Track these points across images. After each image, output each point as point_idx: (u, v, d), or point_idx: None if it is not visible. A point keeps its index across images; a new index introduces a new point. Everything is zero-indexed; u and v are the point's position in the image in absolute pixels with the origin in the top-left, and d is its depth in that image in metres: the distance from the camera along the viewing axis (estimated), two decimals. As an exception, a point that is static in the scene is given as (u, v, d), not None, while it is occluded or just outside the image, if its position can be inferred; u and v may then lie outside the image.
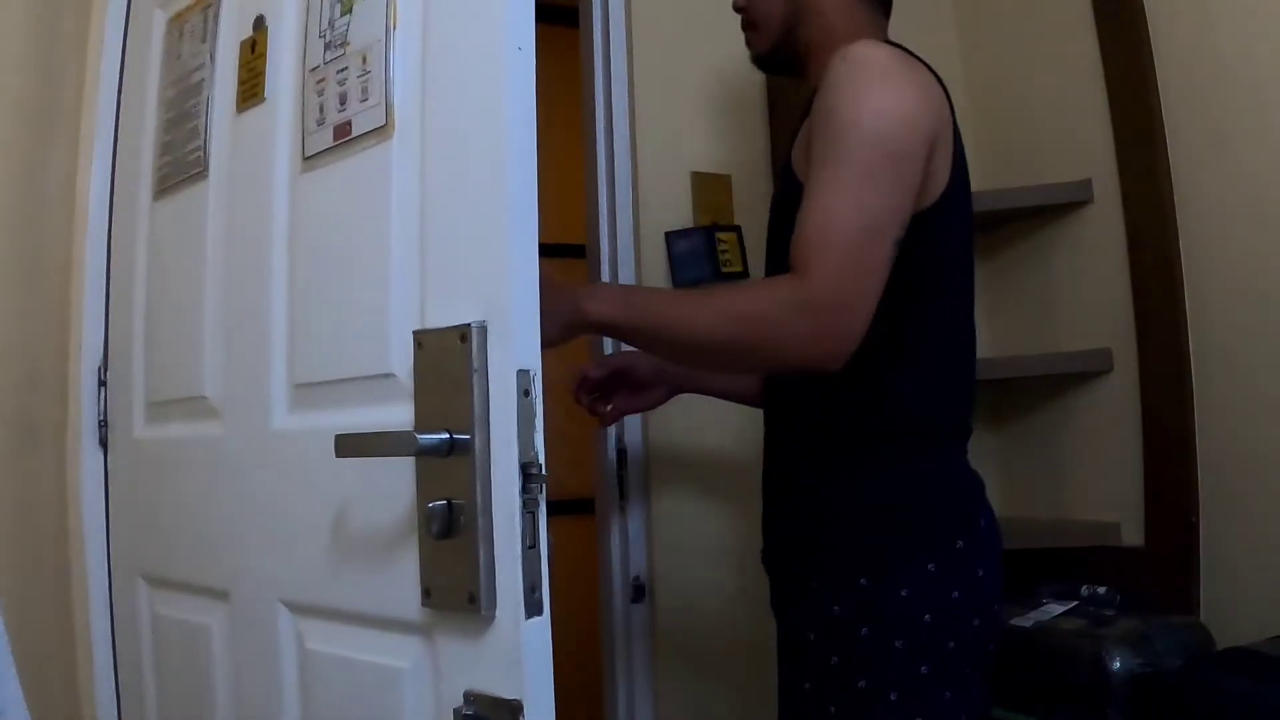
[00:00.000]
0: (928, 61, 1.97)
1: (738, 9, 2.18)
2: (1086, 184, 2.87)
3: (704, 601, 2.83)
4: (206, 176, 2.05)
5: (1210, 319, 2.60)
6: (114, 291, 2.36)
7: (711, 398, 2.51)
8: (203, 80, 2.09)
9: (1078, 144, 2.91)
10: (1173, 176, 2.67)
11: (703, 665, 2.81)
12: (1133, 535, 2.74)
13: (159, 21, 2.31)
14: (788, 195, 1.94)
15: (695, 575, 2.83)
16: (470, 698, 1.38)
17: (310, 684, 1.74)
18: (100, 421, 2.34)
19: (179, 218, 2.15)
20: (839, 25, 2.03)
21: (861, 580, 1.85)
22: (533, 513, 1.35)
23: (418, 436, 1.36)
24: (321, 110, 1.73)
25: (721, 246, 2.86)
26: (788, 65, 2.18)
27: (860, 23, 2.04)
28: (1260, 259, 2.50)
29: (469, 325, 1.38)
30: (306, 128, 1.77)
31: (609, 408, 2.34)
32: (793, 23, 2.09)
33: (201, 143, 2.06)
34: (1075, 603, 2.52)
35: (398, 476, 1.51)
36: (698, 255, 2.86)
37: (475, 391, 1.37)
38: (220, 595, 1.94)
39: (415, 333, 1.48)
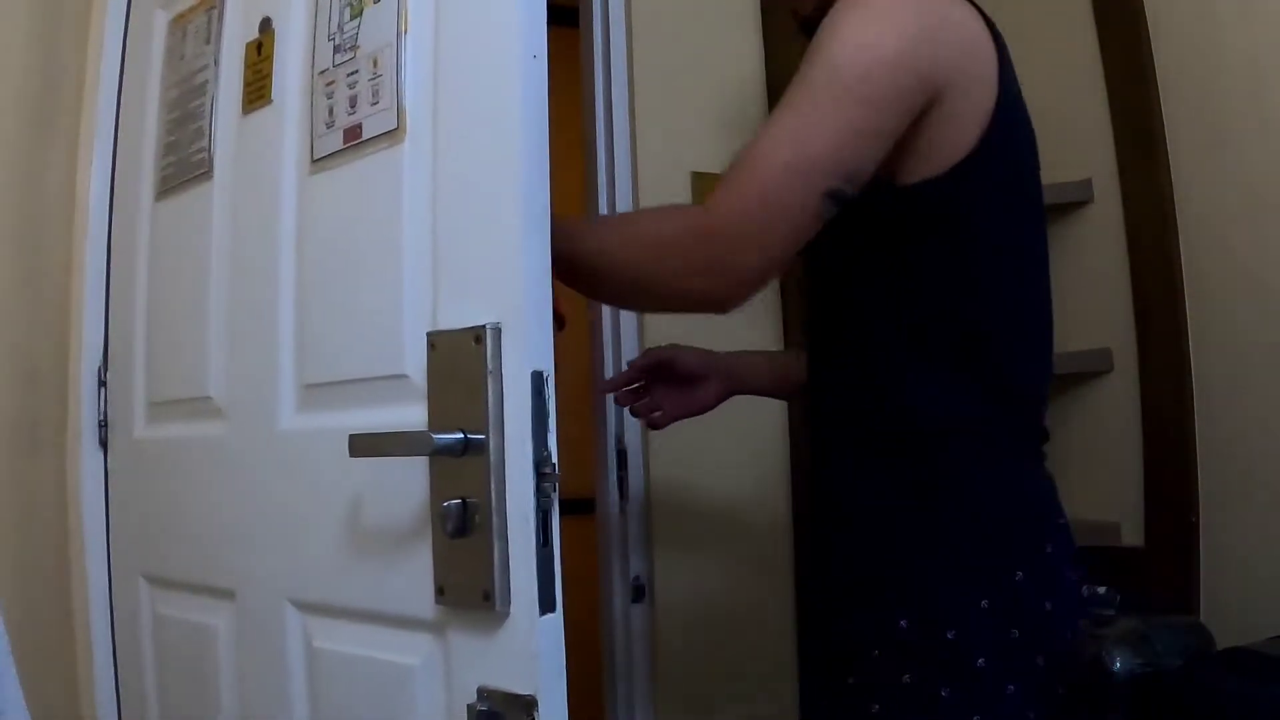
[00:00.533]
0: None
1: None
2: (1086, 184, 2.90)
3: (704, 602, 2.85)
4: (211, 177, 2.08)
5: (1210, 319, 2.64)
6: (114, 292, 2.38)
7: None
8: (207, 81, 2.12)
9: (1078, 144, 2.94)
10: (1173, 176, 2.71)
11: (703, 665, 2.83)
12: (1133, 535, 2.77)
13: (160, 22, 2.34)
14: None
15: (695, 575, 2.85)
16: (484, 693, 1.42)
17: (319, 682, 1.77)
18: (100, 421, 2.36)
19: (182, 218, 2.17)
20: None
21: (901, 622, 1.69)
22: (546, 511, 1.38)
23: (433, 436, 1.40)
24: (331, 113, 1.76)
25: (722, 246, 2.74)
26: None
27: None
28: (1260, 259, 2.54)
29: (484, 327, 1.41)
30: (315, 130, 1.80)
31: (657, 413, 2.21)
32: None
33: (206, 144, 2.09)
34: (1075, 603, 2.54)
35: (409, 476, 1.54)
36: (698, 255, 2.75)
37: (490, 392, 1.40)
38: (225, 595, 1.97)
39: (429, 334, 1.51)
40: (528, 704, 1.37)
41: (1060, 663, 1.73)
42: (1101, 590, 2.56)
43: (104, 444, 2.37)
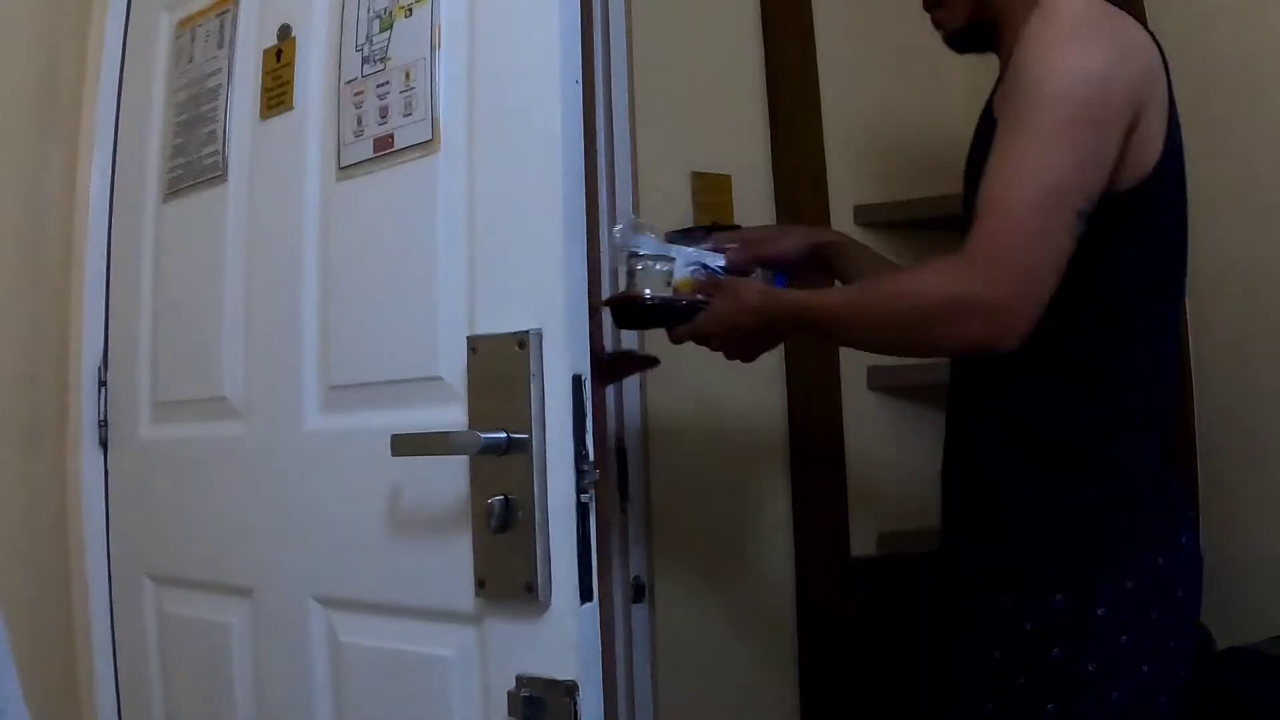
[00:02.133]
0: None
1: None
2: (1086, 184, 3.03)
3: (704, 601, 2.95)
4: (226, 181, 2.21)
5: (1210, 319, 2.78)
6: (116, 292, 2.49)
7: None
8: (220, 85, 2.25)
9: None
10: (1172, 177, 2.86)
11: (703, 665, 2.94)
12: (1133, 535, 2.89)
13: (165, 23, 2.46)
14: (984, 137, 1.95)
15: (695, 575, 2.95)
16: (523, 680, 1.58)
17: (345, 675, 1.92)
18: (100, 421, 2.47)
19: (193, 220, 2.30)
20: None
21: (1057, 597, 1.87)
22: (585, 506, 1.55)
23: (481, 436, 1.56)
24: (360, 122, 1.90)
25: (722, 246, 2.86)
26: (982, 39, 2.14)
27: None
28: (1260, 259, 2.68)
29: (527, 332, 1.58)
30: (343, 138, 1.94)
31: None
32: None
33: (220, 147, 2.22)
34: (1076, 602, 2.67)
35: (444, 474, 1.69)
36: (698, 255, 2.87)
37: (533, 394, 1.56)
38: (242, 592, 2.11)
39: (469, 338, 1.66)
40: (569, 688, 1.53)
41: (1186, 649, 1.91)
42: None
43: (104, 444, 2.47)
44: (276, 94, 2.11)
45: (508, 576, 1.60)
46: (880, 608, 3.06)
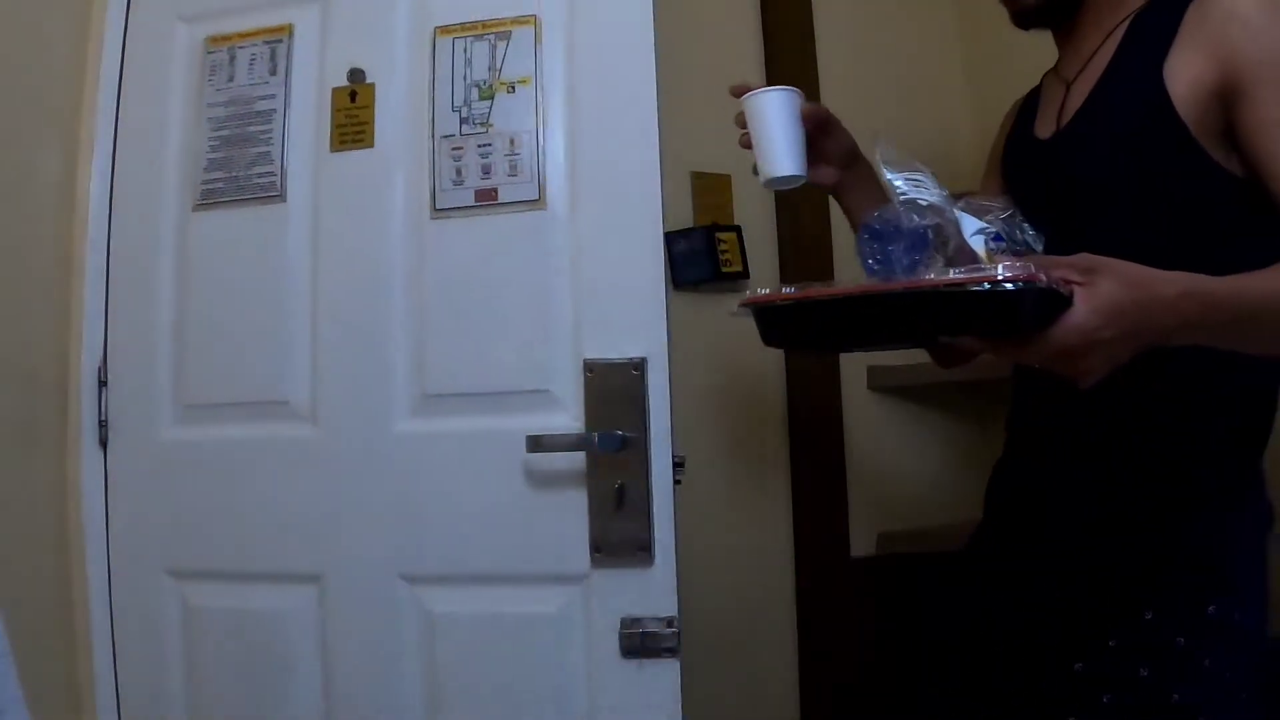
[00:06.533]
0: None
1: None
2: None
3: (704, 601, 3.87)
4: (284, 200, 3.34)
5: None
6: (123, 293, 3.47)
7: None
8: (273, 110, 3.38)
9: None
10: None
11: (703, 665, 3.75)
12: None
13: (184, 34, 3.55)
14: (1145, 105, 2.49)
15: (695, 575, 3.72)
16: (628, 621, 2.83)
17: (436, 643, 3.05)
18: (100, 421, 3.45)
19: (238, 233, 3.39)
20: None
21: (1210, 608, 2.43)
22: (674, 488, 2.75)
23: (616, 435, 2.81)
24: (459, 174, 3.09)
25: (721, 246, 3.99)
26: (1058, 14, 2.75)
27: None
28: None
29: (643, 359, 2.85)
30: (439, 184, 3.13)
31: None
32: None
33: (278, 169, 3.35)
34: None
35: (552, 467, 2.94)
36: (698, 255, 4.03)
37: (644, 406, 2.81)
38: (306, 579, 3.21)
39: (586, 361, 2.92)
40: (669, 621, 2.82)
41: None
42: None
43: (103, 444, 3.46)
44: (353, 131, 3.27)
45: (621, 542, 2.85)
46: (880, 608, 4.09)
